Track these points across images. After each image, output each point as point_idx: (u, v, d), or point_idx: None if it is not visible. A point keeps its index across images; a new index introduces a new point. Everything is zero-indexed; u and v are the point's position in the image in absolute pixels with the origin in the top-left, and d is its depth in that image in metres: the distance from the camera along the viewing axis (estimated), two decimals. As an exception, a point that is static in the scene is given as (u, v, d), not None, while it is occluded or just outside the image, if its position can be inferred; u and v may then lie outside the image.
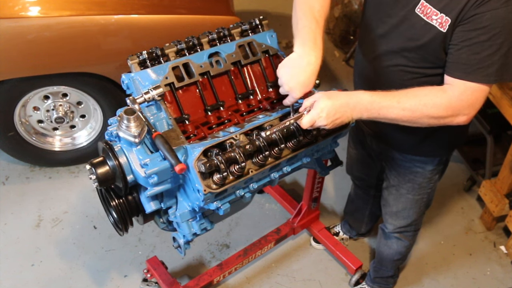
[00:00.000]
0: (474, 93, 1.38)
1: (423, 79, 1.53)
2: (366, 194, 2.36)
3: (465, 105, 1.39)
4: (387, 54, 1.57)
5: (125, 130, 1.41)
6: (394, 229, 2.07)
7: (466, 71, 1.36)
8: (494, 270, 2.61)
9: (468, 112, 1.40)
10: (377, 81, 1.63)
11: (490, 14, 1.29)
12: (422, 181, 1.85)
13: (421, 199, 1.93)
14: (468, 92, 1.38)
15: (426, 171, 1.82)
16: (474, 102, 1.39)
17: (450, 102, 1.38)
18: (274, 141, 1.49)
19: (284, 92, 1.49)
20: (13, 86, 2.45)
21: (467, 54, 1.35)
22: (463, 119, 1.42)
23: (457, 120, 1.42)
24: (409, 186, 1.88)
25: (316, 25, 1.47)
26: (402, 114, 1.39)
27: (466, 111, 1.40)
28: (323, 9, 1.52)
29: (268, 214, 2.80)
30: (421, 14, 1.43)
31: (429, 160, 1.79)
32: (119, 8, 2.40)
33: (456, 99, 1.38)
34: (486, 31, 1.31)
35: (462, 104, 1.39)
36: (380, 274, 2.34)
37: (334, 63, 3.93)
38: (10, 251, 2.51)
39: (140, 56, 1.63)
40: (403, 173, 1.86)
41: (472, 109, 1.40)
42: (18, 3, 2.29)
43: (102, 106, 2.67)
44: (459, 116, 1.41)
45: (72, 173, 2.90)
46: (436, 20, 1.39)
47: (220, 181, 1.41)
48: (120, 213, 1.61)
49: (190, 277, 2.44)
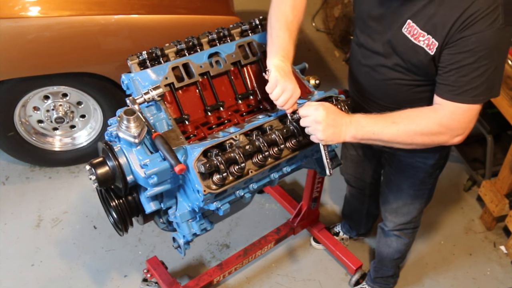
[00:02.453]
0: (464, 113, 1.40)
1: (419, 88, 1.56)
2: (362, 194, 2.37)
3: (457, 125, 1.42)
4: (380, 68, 1.59)
5: (125, 130, 1.42)
6: (394, 226, 2.07)
7: (454, 93, 1.39)
8: (494, 270, 2.61)
9: (462, 132, 1.43)
10: (373, 90, 1.66)
11: (476, 37, 1.31)
12: (423, 176, 1.86)
13: (422, 194, 1.94)
14: (458, 112, 1.40)
15: (428, 166, 1.83)
16: (466, 121, 1.42)
17: (442, 120, 1.41)
18: (274, 141, 1.49)
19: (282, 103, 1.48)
20: (13, 86, 2.45)
21: (455, 77, 1.37)
22: (458, 139, 1.45)
23: (452, 141, 1.45)
24: (410, 182, 1.89)
25: (289, 35, 1.51)
26: (397, 134, 1.41)
27: (459, 131, 1.43)
28: (296, 19, 1.55)
29: (268, 214, 2.80)
30: (408, 34, 1.44)
31: (430, 155, 1.80)
32: (119, 8, 2.40)
33: (448, 119, 1.41)
34: (472, 54, 1.33)
35: (454, 123, 1.41)
36: (381, 274, 2.34)
37: (334, 63, 3.93)
38: (10, 251, 2.51)
39: (140, 56, 1.63)
40: (405, 169, 1.87)
41: (465, 128, 1.43)
42: (18, 3, 2.29)
43: (102, 106, 2.67)
44: (453, 137, 1.43)
45: (72, 173, 2.90)
46: (423, 42, 1.41)
47: (220, 181, 1.41)
48: (120, 213, 1.61)
49: (190, 277, 2.44)
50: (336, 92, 1.66)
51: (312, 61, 3.43)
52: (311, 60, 2.99)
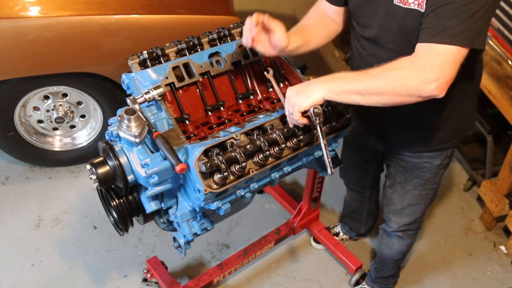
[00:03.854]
0: (439, 55, 1.31)
1: None
2: (361, 197, 2.37)
3: (429, 66, 1.29)
4: (381, 54, 1.57)
5: (126, 130, 1.41)
6: (398, 227, 2.07)
7: (430, 34, 1.34)
8: (494, 270, 2.61)
9: (436, 77, 1.28)
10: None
11: None
12: (429, 176, 1.86)
13: (427, 194, 1.94)
14: (431, 53, 1.32)
15: (434, 165, 1.82)
16: (440, 64, 1.29)
17: (413, 62, 1.33)
18: (275, 141, 1.49)
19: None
20: (13, 86, 2.45)
21: (432, 19, 1.34)
22: (433, 86, 1.29)
23: (427, 88, 1.30)
24: (416, 182, 1.89)
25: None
26: (368, 81, 1.34)
27: (432, 74, 1.29)
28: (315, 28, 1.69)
29: (268, 214, 2.80)
30: (399, 3, 1.44)
31: (436, 155, 1.79)
32: (119, 8, 2.40)
33: (419, 60, 1.33)
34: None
35: (426, 64, 1.30)
36: (381, 274, 2.34)
37: (334, 63, 3.93)
38: (10, 251, 2.51)
39: (141, 56, 1.63)
40: (410, 170, 1.86)
41: (440, 73, 1.29)
42: (18, 3, 2.29)
43: (102, 106, 2.67)
44: (427, 82, 1.29)
45: (72, 173, 2.90)
46: (413, 3, 1.40)
47: (220, 181, 1.41)
48: (120, 213, 1.61)
49: (190, 277, 2.44)
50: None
51: (312, 61, 3.42)
52: (311, 60, 2.98)
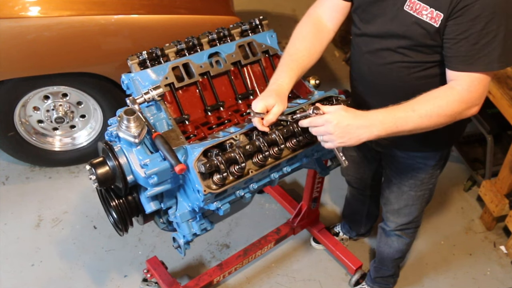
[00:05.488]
0: (481, 83, 1.39)
1: (422, 73, 1.54)
2: (362, 195, 2.37)
3: (475, 96, 1.41)
4: (382, 51, 1.57)
5: (125, 130, 1.41)
6: (396, 227, 2.07)
7: (468, 63, 1.38)
8: (494, 270, 2.61)
9: (479, 102, 1.42)
10: (375, 77, 1.64)
11: (479, 3, 1.31)
12: (424, 177, 1.86)
13: (423, 195, 1.93)
14: (475, 83, 1.39)
15: (428, 166, 1.82)
16: (483, 91, 1.41)
17: (462, 97, 1.40)
18: (274, 141, 1.49)
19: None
20: (13, 86, 2.45)
21: (465, 47, 1.36)
22: (475, 110, 1.44)
23: (470, 112, 1.44)
24: (411, 183, 1.89)
25: (290, 71, 1.51)
26: (420, 121, 1.39)
27: (477, 101, 1.42)
28: (309, 53, 1.58)
29: (268, 214, 2.80)
30: (410, 10, 1.44)
31: (431, 155, 1.80)
32: (119, 8, 2.40)
33: (466, 92, 1.40)
34: (479, 21, 1.32)
35: (473, 95, 1.40)
36: (381, 273, 2.34)
37: (334, 63, 3.93)
38: (10, 251, 2.51)
39: (140, 56, 1.63)
40: (405, 170, 1.86)
41: (482, 98, 1.43)
42: (18, 3, 2.29)
43: (102, 106, 2.67)
44: (471, 108, 1.43)
45: (72, 173, 2.90)
46: (426, 15, 1.40)
47: (220, 181, 1.41)
48: (120, 213, 1.61)
49: (190, 277, 2.44)
50: (336, 92, 1.66)
51: (312, 61, 3.43)
52: (311, 60, 2.99)
